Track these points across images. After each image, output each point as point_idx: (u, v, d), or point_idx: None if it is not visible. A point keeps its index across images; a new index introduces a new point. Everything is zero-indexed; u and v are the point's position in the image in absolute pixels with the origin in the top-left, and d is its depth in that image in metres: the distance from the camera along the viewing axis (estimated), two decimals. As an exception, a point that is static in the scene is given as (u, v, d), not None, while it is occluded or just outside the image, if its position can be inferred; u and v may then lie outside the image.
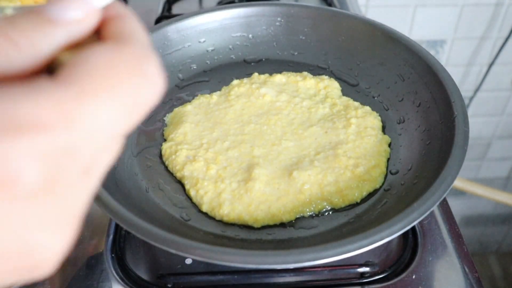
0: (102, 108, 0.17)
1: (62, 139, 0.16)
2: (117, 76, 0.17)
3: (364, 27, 0.60)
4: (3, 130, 0.15)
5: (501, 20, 1.18)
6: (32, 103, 0.16)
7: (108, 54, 0.18)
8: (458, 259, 0.46)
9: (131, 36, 0.20)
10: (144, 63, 0.19)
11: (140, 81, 0.18)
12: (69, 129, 0.16)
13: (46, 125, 0.16)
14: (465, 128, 0.45)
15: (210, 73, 0.62)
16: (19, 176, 0.15)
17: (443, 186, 0.40)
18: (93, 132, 0.17)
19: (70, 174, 0.17)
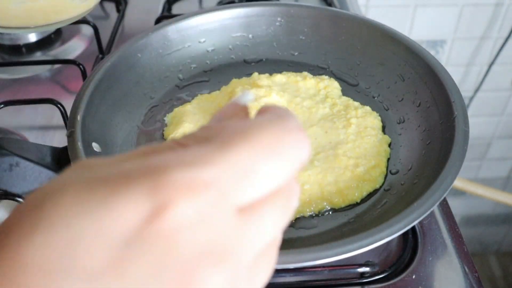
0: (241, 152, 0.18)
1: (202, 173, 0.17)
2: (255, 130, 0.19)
3: (364, 27, 0.60)
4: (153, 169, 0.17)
5: (501, 20, 1.18)
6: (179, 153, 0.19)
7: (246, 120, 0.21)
8: (458, 259, 0.46)
9: (271, 109, 0.22)
10: (283, 122, 0.20)
11: (280, 134, 0.20)
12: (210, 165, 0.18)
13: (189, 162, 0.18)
14: (465, 128, 0.45)
15: (210, 73, 0.62)
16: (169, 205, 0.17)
17: (443, 186, 0.40)
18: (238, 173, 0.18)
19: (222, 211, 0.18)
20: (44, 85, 0.70)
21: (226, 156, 0.18)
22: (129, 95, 0.56)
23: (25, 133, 0.61)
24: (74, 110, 0.47)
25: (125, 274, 0.16)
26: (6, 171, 0.43)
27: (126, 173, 0.17)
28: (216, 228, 0.17)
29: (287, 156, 0.19)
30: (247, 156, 0.18)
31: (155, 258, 0.16)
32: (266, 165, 0.19)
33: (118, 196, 0.16)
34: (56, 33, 0.78)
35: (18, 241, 0.16)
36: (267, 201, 0.19)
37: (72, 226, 0.16)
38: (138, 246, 0.16)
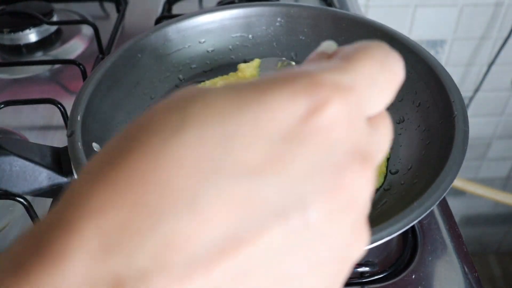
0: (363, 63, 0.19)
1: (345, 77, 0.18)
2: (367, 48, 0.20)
3: (364, 27, 0.60)
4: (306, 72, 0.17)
5: (501, 20, 1.18)
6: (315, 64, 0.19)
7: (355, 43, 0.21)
8: (458, 258, 0.46)
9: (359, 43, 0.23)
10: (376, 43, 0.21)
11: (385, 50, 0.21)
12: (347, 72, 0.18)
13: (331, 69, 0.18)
14: (465, 128, 0.46)
15: (210, 74, 0.62)
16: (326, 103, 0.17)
17: (442, 185, 0.40)
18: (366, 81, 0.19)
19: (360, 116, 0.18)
20: (44, 85, 0.70)
21: (355, 66, 0.19)
22: (129, 95, 0.56)
23: (25, 133, 0.61)
24: (74, 110, 0.47)
25: (284, 170, 0.15)
26: (6, 171, 0.43)
27: (273, 77, 0.17)
28: (359, 130, 0.18)
29: (395, 71, 0.21)
30: (369, 66, 0.19)
31: (314, 154, 0.16)
32: (383, 77, 0.20)
33: (274, 94, 0.16)
34: (57, 33, 0.79)
35: (164, 138, 0.15)
36: (380, 118, 0.20)
37: (227, 121, 0.15)
38: (297, 142, 0.16)
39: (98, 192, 0.14)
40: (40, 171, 0.44)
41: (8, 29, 0.74)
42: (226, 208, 0.15)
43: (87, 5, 0.87)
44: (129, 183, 0.14)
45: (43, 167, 0.44)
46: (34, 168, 0.43)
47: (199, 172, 0.14)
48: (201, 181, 0.14)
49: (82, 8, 0.86)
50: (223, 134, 0.15)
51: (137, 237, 0.14)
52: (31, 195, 0.44)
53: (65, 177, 0.44)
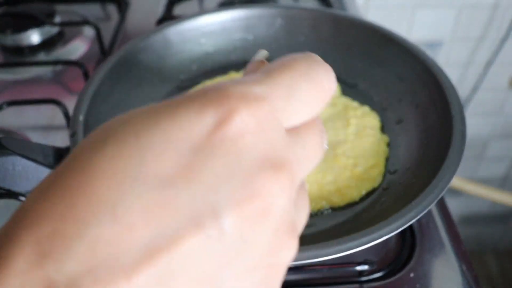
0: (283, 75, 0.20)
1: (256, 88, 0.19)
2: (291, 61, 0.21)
3: (363, 29, 0.61)
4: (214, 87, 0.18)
5: (499, 21, 1.18)
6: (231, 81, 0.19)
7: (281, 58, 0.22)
8: (456, 257, 0.47)
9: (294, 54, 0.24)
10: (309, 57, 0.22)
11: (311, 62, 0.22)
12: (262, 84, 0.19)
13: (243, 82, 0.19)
14: (462, 128, 0.46)
15: (211, 74, 0.63)
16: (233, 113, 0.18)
17: (440, 185, 0.41)
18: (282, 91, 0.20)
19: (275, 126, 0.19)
20: (46, 85, 0.70)
21: (273, 80, 0.20)
22: (130, 96, 0.56)
23: (27, 133, 0.62)
24: (77, 111, 0.48)
25: (195, 180, 0.17)
26: (8, 171, 0.43)
27: (187, 96, 0.18)
28: (272, 139, 0.18)
29: (320, 82, 0.21)
30: (289, 77, 0.20)
31: (223, 163, 0.17)
32: (305, 88, 0.20)
33: (183, 109, 0.17)
34: (59, 34, 0.79)
35: (89, 154, 0.17)
36: (306, 129, 0.21)
37: (141, 136, 0.17)
38: (207, 152, 0.17)
39: (37, 206, 0.16)
40: (42, 171, 0.44)
41: (11, 30, 0.75)
42: (144, 215, 0.16)
43: (89, 7, 0.88)
44: (61, 196, 0.16)
45: (46, 166, 0.44)
46: (37, 168, 0.44)
47: (118, 183, 0.16)
48: (120, 191, 0.16)
49: (84, 10, 0.86)
50: (138, 147, 0.17)
51: (66, 244, 0.15)
52: (34, 194, 0.44)
53: (68, 176, 0.44)
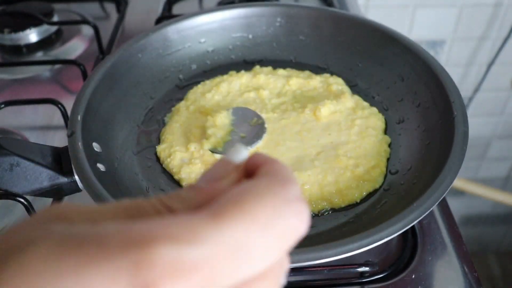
0: (233, 228, 0.17)
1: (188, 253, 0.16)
2: (250, 202, 0.17)
3: (363, 28, 0.60)
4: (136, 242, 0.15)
5: (500, 20, 1.18)
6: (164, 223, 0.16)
7: (246, 186, 0.18)
8: (458, 258, 0.46)
9: (273, 173, 0.20)
10: (281, 190, 0.18)
11: (277, 205, 0.18)
12: (197, 244, 0.16)
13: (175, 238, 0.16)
14: (464, 128, 0.46)
15: (210, 74, 0.63)
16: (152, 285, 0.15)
17: (442, 186, 0.40)
18: (226, 252, 0.16)
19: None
20: (44, 85, 0.70)
21: (219, 232, 0.16)
22: (129, 95, 0.56)
23: (25, 133, 0.61)
24: (75, 110, 0.48)
25: None
26: (6, 171, 0.43)
27: (104, 239, 0.15)
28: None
29: (284, 232, 0.18)
30: (241, 233, 0.17)
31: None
32: (261, 244, 0.17)
33: (94, 270, 0.15)
34: (57, 33, 0.79)
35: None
36: (257, 281, 0.18)
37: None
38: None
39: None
40: (40, 171, 0.44)
41: (9, 29, 0.74)
42: None
43: (88, 6, 0.87)
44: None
45: (44, 167, 0.44)
46: (35, 168, 0.43)
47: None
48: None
49: (82, 9, 0.86)
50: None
51: None
52: (31, 195, 0.44)
53: (65, 177, 0.44)
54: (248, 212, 0.17)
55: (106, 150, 0.48)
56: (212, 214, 0.17)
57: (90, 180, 0.41)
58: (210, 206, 0.17)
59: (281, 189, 0.18)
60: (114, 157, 0.49)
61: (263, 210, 0.17)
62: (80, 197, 0.46)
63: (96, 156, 0.46)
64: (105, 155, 0.48)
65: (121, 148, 0.51)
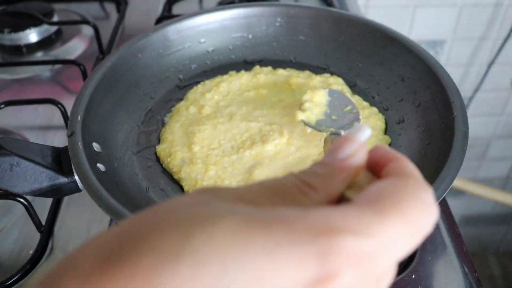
0: (393, 225, 0.18)
1: (365, 245, 0.17)
2: (404, 202, 0.19)
3: (363, 28, 0.60)
4: (321, 231, 0.17)
5: (500, 20, 1.18)
6: (341, 216, 0.18)
7: (396, 184, 0.21)
8: (458, 258, 0.46)
9: (411, 173, 0.23)
10: (424, 194, 0.21)
11: (422, 208, 0.20)
12: (370, 237, 0.18)
13: (354, 230, 0.17)
14: (464, 128, 0.46)
15: (210, 74, 0.63)
16: (337, 275, 0.16)
17: (442, 186, 0.40)
18: (387, 246, 0.18)
19: (371, 281, 0.18)
20: (44, 85, 0.70)
21: (384, 228, 0.18)
22: (129, 95, 0.56)
23: (25, 133, 0.61)
24: (75, 110, 0.48)
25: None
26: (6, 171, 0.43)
27: (290, 224, 0.17)
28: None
29: (424, 233, 0.20)
30: (398, 229, 0.19)
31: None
32: (408, 239, 0.19)
33: (284, 251, 0.16)
34: (57, 33, 0.79)
35: (157, 263, 0.15)
36: (390, 270, 0.20)
37: (227, 269, 0.15)
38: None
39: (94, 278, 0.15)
40: (40, 171, 0.44)
41: (9, 29, 0.74)
42: None
43: (88, 6, 0.87)
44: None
45: (44, 167, 0.44)
46: (35, 168, 0.43)
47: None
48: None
49: (82, 9, 0.86)
50: (220, 280, 0.15)
51: None
52: (31, 195, 0.44)
53: (65, 177, 0.44)
54: (403, 214, 0.19)
55: (106, 150, 0.48)
56: (375, 210, 0.18)
57: (90, 180, 0.41)
58: (369, 199, 0.19)
59: (424, 193, 0.21)
60: (114, 157, 0.49)
61: (413, 212, 0.19)
62: (80, 197, 0.46)
63: (96, 156, 0.46)
64: (105, 155, 0.48)
65: (121, 148, 0.51)
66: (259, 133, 0.52)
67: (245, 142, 0.51)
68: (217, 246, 0.15)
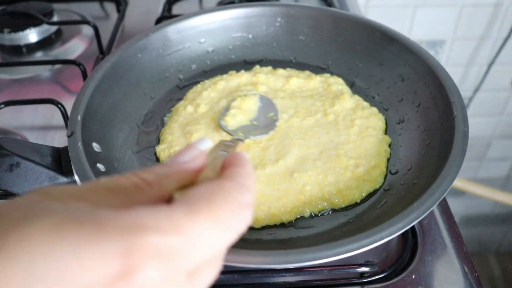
0: (203, 223, 0.20)
1: (171, 241, 0.19)
2: (216, 202, 0.22)
3: (363, 28, 0.60)
4: (129, 229, 0.18)
5: (501, 20, 1.18)
6: (152, 214, 0.20)
7: (213, 186, 0.23)
8: (458, 259, 0.46)
9: (234, 177, 0.25)
10: (239, 195, 0.23)
11: (235, 208, 0.22)
12: (178, 233, 0.19)
13: (160, 228, 0.19)
14: (464, 128, 0.46)
15: (210, 74, 0.63)
16: (139, 269, 0.18)
17: (442, 186, 0.40)
18: (196, 242, 0.20)
19: (178, 275, 0.19)
20: (44, 85, 0.70)
21: (193, 226, 0.20)
22: (129, 95, 0.56)
23: (25, 133, 0.61)
24: (75, 110, 0.47)
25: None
26: (6, 171, 0.43)
27: (101, 223, 0.18)
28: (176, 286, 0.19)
29: (235, 231, 0.22)
30: (209, 227, 0.21)
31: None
32: (219, 238, 0.21)
33: (91, 247, 0.17)
34: (57, 33, 0.79)
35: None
36: (208, 263, 0.22)
37: (36, 265, 0.16)
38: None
39: None
40: (40, 171, 0.44)
41: (9, 29, 0.74)
42: None
43: (87, 5, 0.87)
44: None
45: (44, 167, 0.44)
46: (35, 168, 0.43)
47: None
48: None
49: (82, 8, 0.86)
50: (29, 277, 0.16)
51: None
52: (31, 195, 0.44)
53: (65, 177, 0.44)
54: (215, 213, 0.21)
55: (106, 150, 0.48)
56: (188, 210, 0.20)
57: (90, 180, 0.41)
58: (186, 200, 0.21)
59: (239, 195, 0.23)
60: (114, 157, 0.49)
61: (224, 213, 0.22)
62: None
63: (96, 156, 0.46)
64: (105, 155, 0.47)
65: (121, 148, 0.51)
66: None
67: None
68: (28, 244, 0.16)
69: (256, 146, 0.51)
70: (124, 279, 0.17)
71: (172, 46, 0.61)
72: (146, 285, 0.18)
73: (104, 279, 0.17)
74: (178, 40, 0.61)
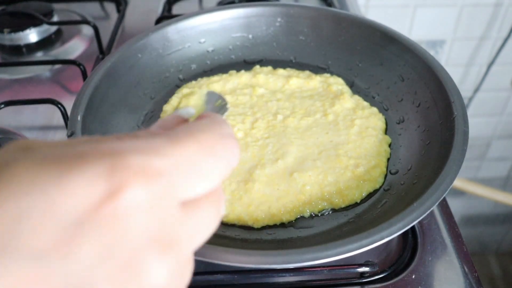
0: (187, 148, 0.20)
1: (156, 162, 0.18)
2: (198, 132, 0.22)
3: (363, 27, 0.60)
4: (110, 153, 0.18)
5: (501, 20, 1.18)
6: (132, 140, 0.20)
7: (191, 123, 0.23)
8: (458, 259, 0.46)
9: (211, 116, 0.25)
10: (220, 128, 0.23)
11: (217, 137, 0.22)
12: (161, 155, 0.19)
13: (142, 150, 0.19)
14: (464, 128, 0.46)
15: (210, 74, 0.62)
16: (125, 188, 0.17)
17: (442, 186, 0.40)
18: (181, 165, 0.19)
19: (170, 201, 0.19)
20: (44, 85, 0.70)
21: (176, 150, 0.20)
22: (129, 95, 0.56)
23: (25, 133, 0.61)
24: (75, 110, 0.47)
25: (72, 257, 0.16)
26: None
27: (81, 153, 0.17)
28: (164, 217, 0.18)
29: (223, 158, 0.22)
30: (192, 153, 0.20)
31: (105, 240, 0.16)
32: (206, 165, 0.21)
33: (73, 175, 0.16)
34: (57, 33, 0.79)
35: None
36: (204, 200, 0.21)
37: (21, 202, 0.16)
38: (90, 227, 0.16)
39: None
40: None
41: (9, 29, 0.74)
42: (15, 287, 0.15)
43: (87, 5, 0.87)
44: None
45: (44, 167, 0.44)
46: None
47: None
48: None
49: (82, 8, 0.86)
50: (15, 215, 0.16)
51: None
52: (31, 195, 0.44)
53: (65, 177, 0.44)
54: (196, 139, 0.21)
55: (106, 150, 0.48)
56: (168, 138, 0.20)
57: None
58: (166, 133, 0.21)
59: (218, 127, 0.23)
60: (114, 157, 0.49)
61: (206, 139, 0.21)
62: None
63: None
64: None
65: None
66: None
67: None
68: (8, 185, 0.16)
69: (254, 144, 0.51)
70: (112, 199, 0.17)
71: (172, 46, 0.61)
72: (135, 208, 0.17)
73: (90, 204, 0.16)
74: (178, 40, 0.61)
